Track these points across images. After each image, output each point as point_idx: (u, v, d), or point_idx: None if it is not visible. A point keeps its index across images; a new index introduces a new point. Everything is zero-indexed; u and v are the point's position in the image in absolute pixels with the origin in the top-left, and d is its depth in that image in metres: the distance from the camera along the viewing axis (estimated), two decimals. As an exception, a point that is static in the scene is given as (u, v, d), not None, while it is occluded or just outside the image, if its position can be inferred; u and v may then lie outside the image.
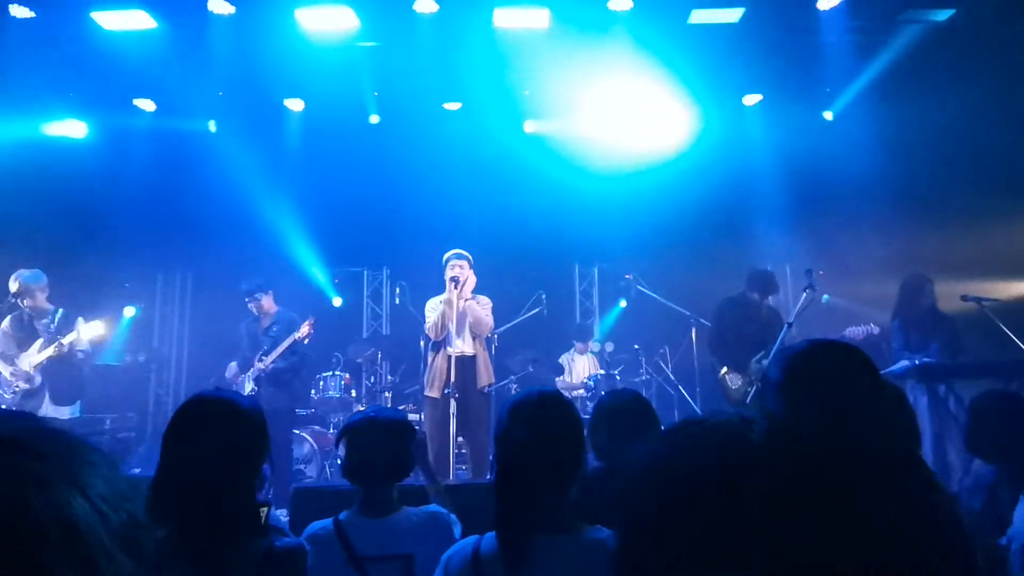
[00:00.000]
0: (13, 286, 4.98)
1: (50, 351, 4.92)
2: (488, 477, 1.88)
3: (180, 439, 1.45)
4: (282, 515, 4.60)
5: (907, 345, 5.29)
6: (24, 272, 5.04)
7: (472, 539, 1.73)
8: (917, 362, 4.73)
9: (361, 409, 4.41)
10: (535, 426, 1.65)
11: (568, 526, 1.64)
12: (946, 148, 6.38)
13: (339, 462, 2.15)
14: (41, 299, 5.09)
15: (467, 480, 4.54)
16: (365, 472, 2.11)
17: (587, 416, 2.52)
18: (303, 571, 1.61)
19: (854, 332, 5.16)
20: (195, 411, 1.48)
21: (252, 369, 5.56)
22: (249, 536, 1.38)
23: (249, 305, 5.74)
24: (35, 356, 5.00)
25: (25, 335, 5.08)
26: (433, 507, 2.15)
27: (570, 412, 1.73)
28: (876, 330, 5.19)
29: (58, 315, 5.07)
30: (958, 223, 6.24)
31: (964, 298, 4.89)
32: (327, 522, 2.05)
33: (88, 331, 5.08)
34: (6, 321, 5.13)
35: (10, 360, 5.05)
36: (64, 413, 5.08)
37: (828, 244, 7.37)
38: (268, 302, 5.75)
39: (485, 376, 4.99)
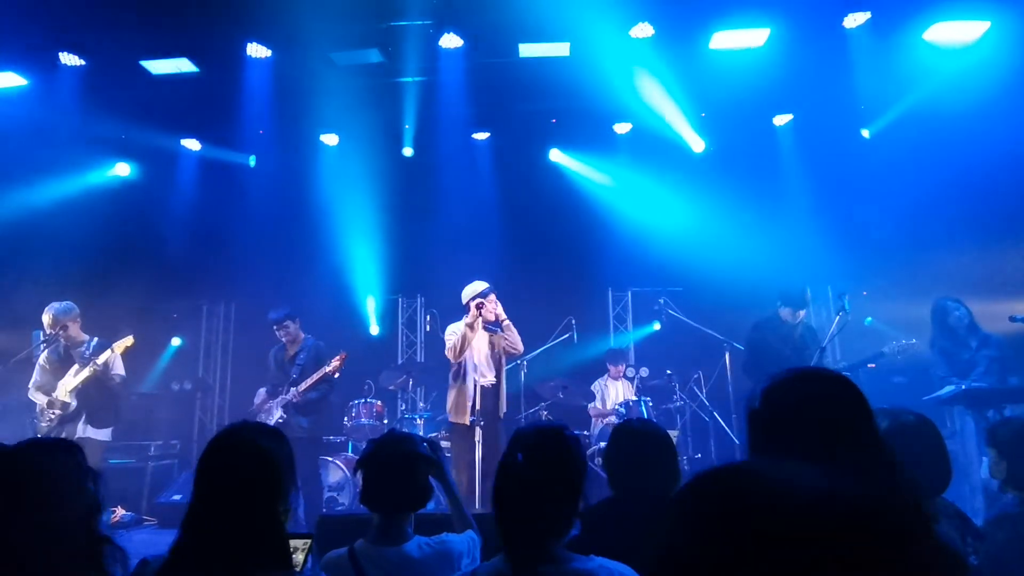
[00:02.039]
0: (46, 319, 5.13)
1: (86, 372, 5.05)
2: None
3: (204, 472, 1.55)
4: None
5: (952, 372, 5.10)
6: (55, 305, 5.17)
7: (470, 568, 1.74)
8: (964, 387, 4.56)
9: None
10: (531, 454, 1.66)
11: (554, 556, 1.61)
12: (990, 164, 6.15)
13: (357, 489, 2.21)
14: (75, 329, 5.22)
15: (482, 510, 4.50)
16: (379, 499, 2.14)
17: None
18: None
19: (892, 347, 5.03)
20: (221, 444, 1.59)
21: (280, 397, 5.67)
22: (271, 569, 1.43)
23: (279, 333, 5.83)
24: (71, 380, 5.11)
25: (62, 366, 5.21)
26: (446, 536, 2.15)
27: (568, 447, 1.72)
28: (915, 343, 5.06)
29: (93, 343, 5.23)
30: (1006, 242, 5.99)
31: (1012, 319, 4.71)
32: (343, 550, 2.09)
33: (120, 347, 5.18)
34: (43, 355, 5.26)
35: (46, 391, 5.17)
36: (101, 435, 5.20)
37: (872, 265, 7.15)
38: (296, 329, 5.86)
39: (504, 405, 5.15)
